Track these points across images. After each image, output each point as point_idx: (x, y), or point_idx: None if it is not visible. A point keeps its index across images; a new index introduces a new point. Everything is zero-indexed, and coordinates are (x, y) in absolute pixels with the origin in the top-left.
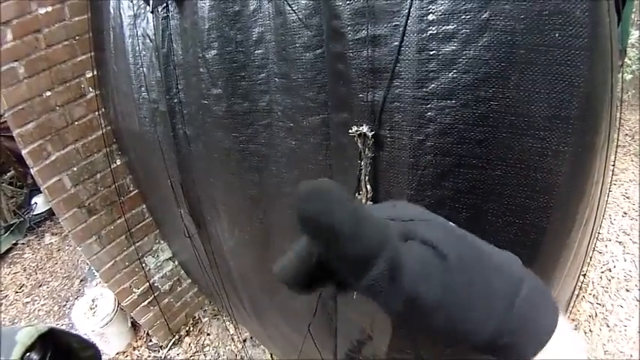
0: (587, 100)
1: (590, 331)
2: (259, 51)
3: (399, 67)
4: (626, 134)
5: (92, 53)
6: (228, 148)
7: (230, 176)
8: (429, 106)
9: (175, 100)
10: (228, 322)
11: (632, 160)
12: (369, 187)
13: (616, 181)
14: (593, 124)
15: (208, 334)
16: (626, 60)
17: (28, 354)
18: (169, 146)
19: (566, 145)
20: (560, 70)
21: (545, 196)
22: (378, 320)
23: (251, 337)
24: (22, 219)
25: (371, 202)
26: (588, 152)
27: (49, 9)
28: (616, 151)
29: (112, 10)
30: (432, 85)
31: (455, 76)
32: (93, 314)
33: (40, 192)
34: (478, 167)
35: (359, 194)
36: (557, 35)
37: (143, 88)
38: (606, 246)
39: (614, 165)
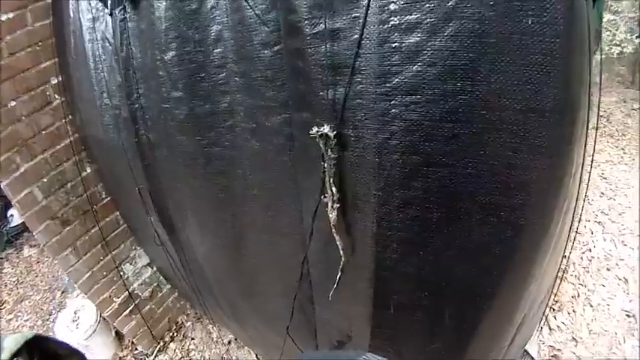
0: (563, 90)
1: (573, 311)
2: (218, 50)
3: (360, 62)
4: (601, 116)
5: (56, 59)
6: (193, 153)
7: (196, 181)
8: (393, 102)
9: (137, 106)
10: (211, 326)
11: (607, 142)
12: (334, 189)
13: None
14: (570, 115)
15: (193, 339)
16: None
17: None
18: (134, 153)
19: (541, 139)
20: (535, 59)
21: (521, 194)
22: (357, 321)
23: (235, 339)
24: None
25: (338, 205)
26: (566, 145)
27: (11, 15)
28: (595, 134)
29: (71, 14)
30: (396, 80)
31: (420, 69)
32: (76, 326)
33: None
34: (448, 165)
35: (324, 197)
36: (530, 22)
37: (105, 94)
38: (585, 226)
39: (593, 150)
